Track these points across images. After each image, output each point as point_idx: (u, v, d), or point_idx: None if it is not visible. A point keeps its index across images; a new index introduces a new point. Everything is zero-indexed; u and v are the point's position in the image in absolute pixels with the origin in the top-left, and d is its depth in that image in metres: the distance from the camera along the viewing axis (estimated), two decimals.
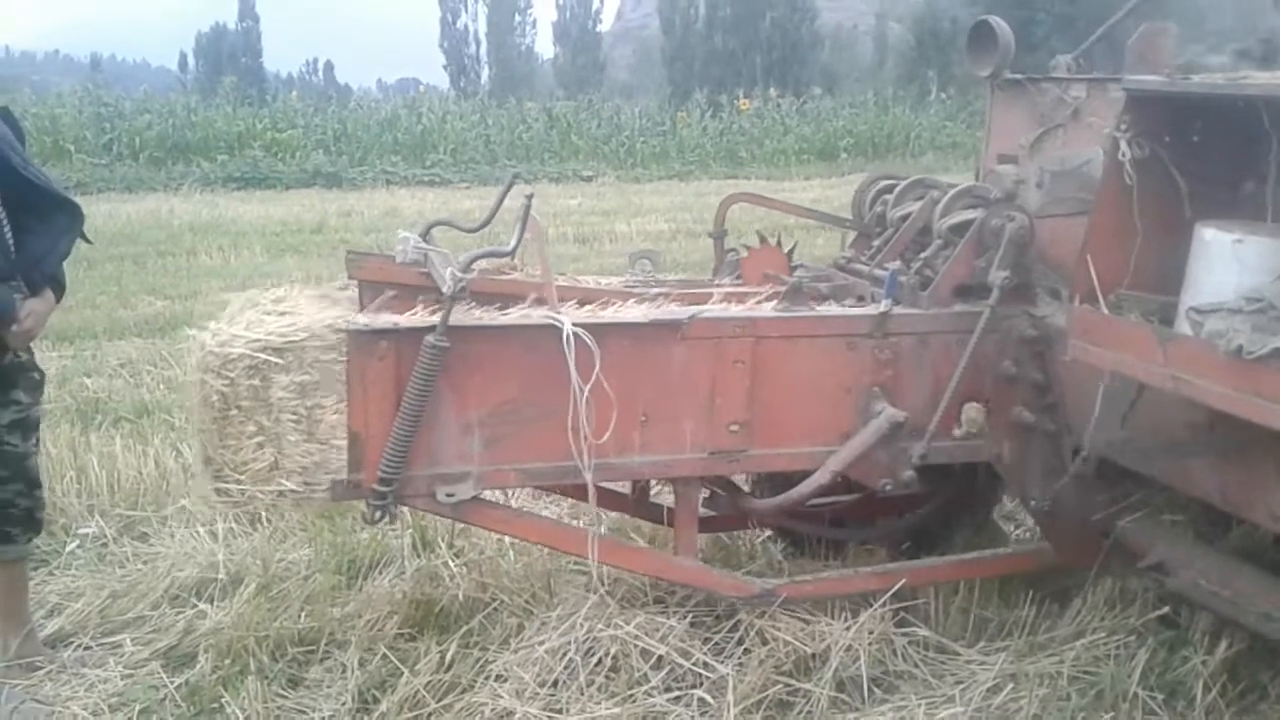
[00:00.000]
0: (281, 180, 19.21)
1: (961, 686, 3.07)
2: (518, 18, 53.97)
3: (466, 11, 53.46)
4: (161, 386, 6.11)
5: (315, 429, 2.65)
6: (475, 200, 16.10)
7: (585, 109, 26.48)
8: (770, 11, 40.61)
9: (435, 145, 22.95)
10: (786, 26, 40.69)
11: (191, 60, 57.38)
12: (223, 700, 3.03)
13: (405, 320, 2.69)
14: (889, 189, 3.59)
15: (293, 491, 2.65)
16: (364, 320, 2.66)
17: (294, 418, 2.62)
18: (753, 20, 40.51)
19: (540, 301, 2.84)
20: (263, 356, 2.57)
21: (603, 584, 3.35)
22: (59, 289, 3.23)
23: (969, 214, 3.14)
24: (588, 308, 2.89)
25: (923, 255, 3.22)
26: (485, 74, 52.38)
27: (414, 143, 22.95)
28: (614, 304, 2.97)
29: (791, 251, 3.57)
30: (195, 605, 3.51)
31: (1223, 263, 2.43)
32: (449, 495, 2.77)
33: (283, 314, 2.70)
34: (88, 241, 3.36)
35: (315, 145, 22.00)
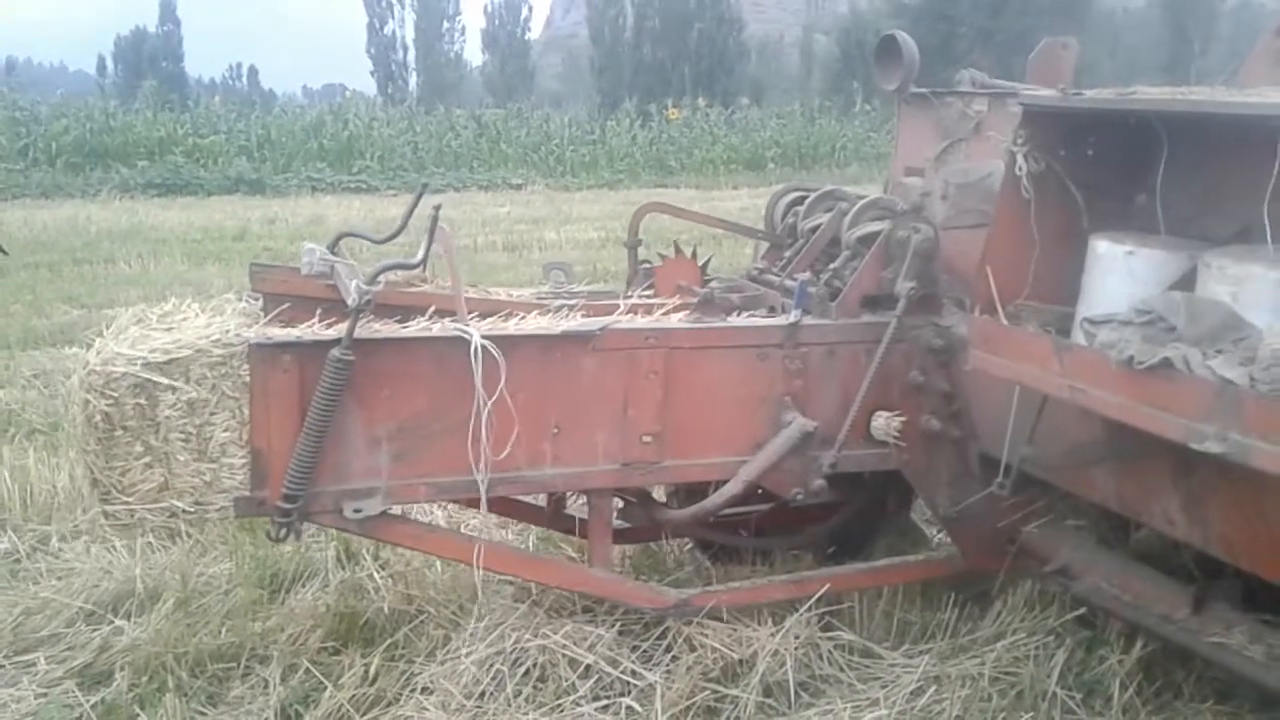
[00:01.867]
0: (203, 187, 18.96)
1: (886, 689, 3.10)
2: (446, 24, 53.85)
3: (394, 18, 53.23)
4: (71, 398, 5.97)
5: (205, 447, 2.59)
6: (402, 207, 15.70)
7: (514, 117, 26.47)
8: (698, 22, 40.93)
9: (362, 152, 22.78)
10: (714, 37, 41.03)
11: (110, 64, 56.39)
12: (139, 719, 2.97)
13: (309, 333, 2.65)
14: (800, 200, 3.63)
15: (185, 512, 2.59)
16: (262, 333, 2.61)
17: (183, 436, 2.56)
18: (681, 31, 40.81)
19: (441, 313, 2.82)
20: (147, 374, 2.51)
21: (530, 594, 3.34)
22: None
23: (876, 226, 3.19)
24: (489, 320, 2.86)
25: (832, 266, 3.26)
26: (413, 80, 52.11)
27: (340, 149, 22.77)
28: (523, 315, 2.95)
29: (707, 264, 3.59)
30: (111, 622, 3.43)
31: (1115, 274, 2.50)
32: (357, 511, 2.74)
33: (169, 329, 2.62)
34: (3, 253, 3.28)
35: (238, 151, 21.73)
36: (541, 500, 3.57)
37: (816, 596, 3.22)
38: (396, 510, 2.92)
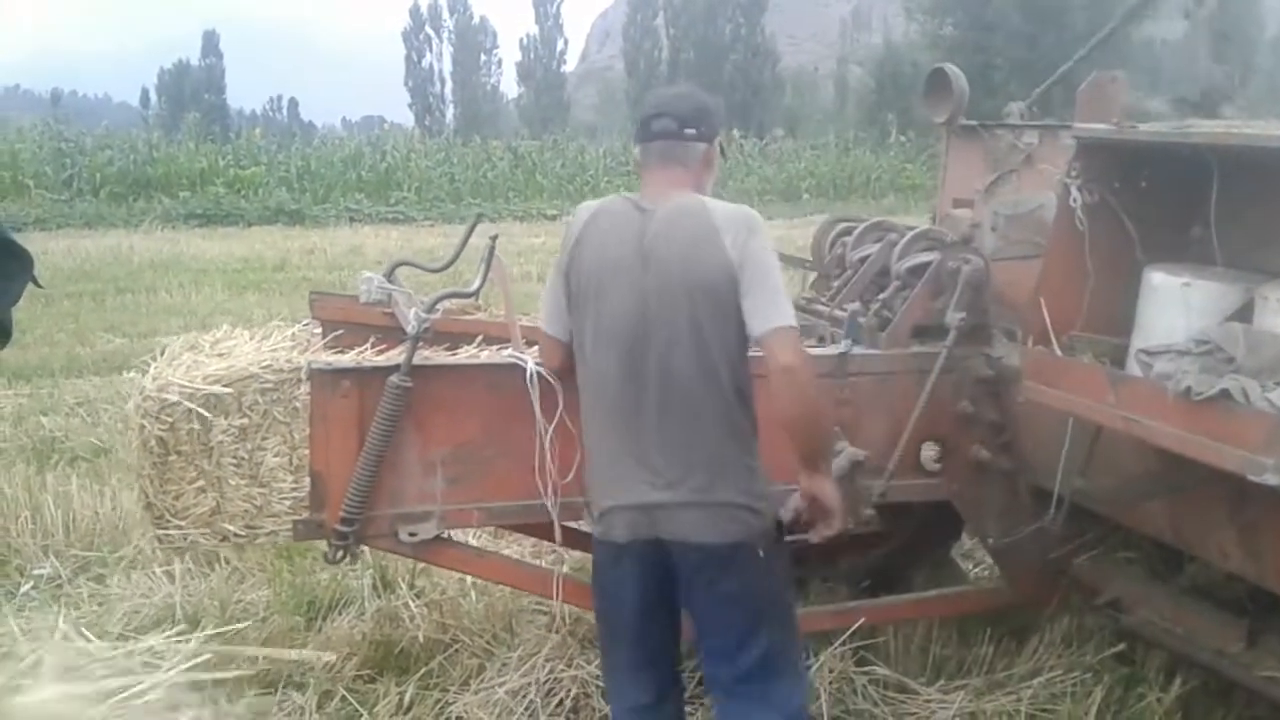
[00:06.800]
0: (244, 217, 19.18)
1: None
2: (483, 58, 54.43)
3: (432, 50, 53.95)
4: (119, 425, 6.04)
5: (257, 471, 2.62)
6: (439, 238, 16.12)
7: (550, 148, 26.68)
8: (733, 55, 41.16)
9: (400, 183, 23.00)
10: (749, 70, 41.23)
11: (154, 96, 57.40)
12: None
13: (368, 359, 2.68)
14: (848, 231, 3.64)
15: (236, 535, 2.62)
16: (323, 359, 2.65)
17: (235, 461, 2.59)
18: (715, 63, 41.05)
19: (490, 340, 2.84)
20: (201, 400, 2.54)
21: (564, 624, 3.34)
22: (4, 334, 3.18)
23: (926, 256, 3.19)
24: (537, 347, 2.88)
25: (881, 296, 3.26)
26: (450, 112, 52.68)
27: (378, 180, 22.99)
28: None
29: None
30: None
31: (1171, 306, 2.49)
32: (412, 535, 2.75)
33: (221, 356, 2.66)
34: (38, 285, 3.31)
35: (278, 182, 22.00)
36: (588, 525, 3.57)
37: (853, 630, 3.20)
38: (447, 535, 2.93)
